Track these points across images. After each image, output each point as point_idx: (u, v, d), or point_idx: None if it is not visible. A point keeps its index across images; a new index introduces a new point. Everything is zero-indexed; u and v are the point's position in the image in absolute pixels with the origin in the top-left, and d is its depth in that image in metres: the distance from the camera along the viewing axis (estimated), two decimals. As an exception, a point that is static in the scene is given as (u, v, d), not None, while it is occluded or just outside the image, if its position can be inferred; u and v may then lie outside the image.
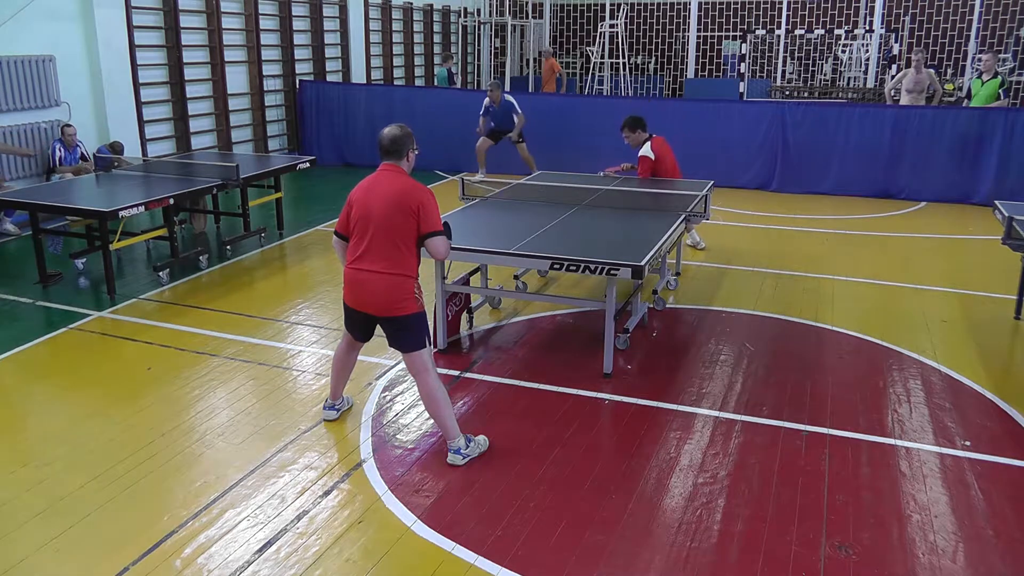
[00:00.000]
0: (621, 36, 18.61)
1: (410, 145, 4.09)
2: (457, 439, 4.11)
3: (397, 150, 4.06)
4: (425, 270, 4.42)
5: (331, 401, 4.58)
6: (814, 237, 8.84)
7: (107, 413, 4.64)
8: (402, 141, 4.05)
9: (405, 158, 4.09)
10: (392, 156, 4.07)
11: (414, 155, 4.14)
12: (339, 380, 4.54)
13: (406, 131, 4.10)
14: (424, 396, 4.11)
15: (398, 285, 3.98)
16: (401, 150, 4.06)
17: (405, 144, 4.06)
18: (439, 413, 4.09)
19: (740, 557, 3.39)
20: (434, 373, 4.12)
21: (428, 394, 4.08)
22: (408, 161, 4.11)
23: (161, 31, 10.81)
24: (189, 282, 7.10)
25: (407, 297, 4.00)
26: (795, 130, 11.20)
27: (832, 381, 5.11)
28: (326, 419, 4.55)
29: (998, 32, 17.31)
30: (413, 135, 4.12)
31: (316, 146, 13.04)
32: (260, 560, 3.37)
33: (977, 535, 3.56)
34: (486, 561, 3.35)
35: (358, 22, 14.80)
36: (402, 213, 3.93)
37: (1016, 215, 5.96)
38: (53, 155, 8.90)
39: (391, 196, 3.95)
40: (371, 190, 4.02)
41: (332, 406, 4.57)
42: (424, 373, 4.08)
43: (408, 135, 4.09)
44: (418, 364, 4.09)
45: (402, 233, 3.95)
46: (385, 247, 3.95)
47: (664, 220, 5.81)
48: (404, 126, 4.13)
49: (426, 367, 4.08)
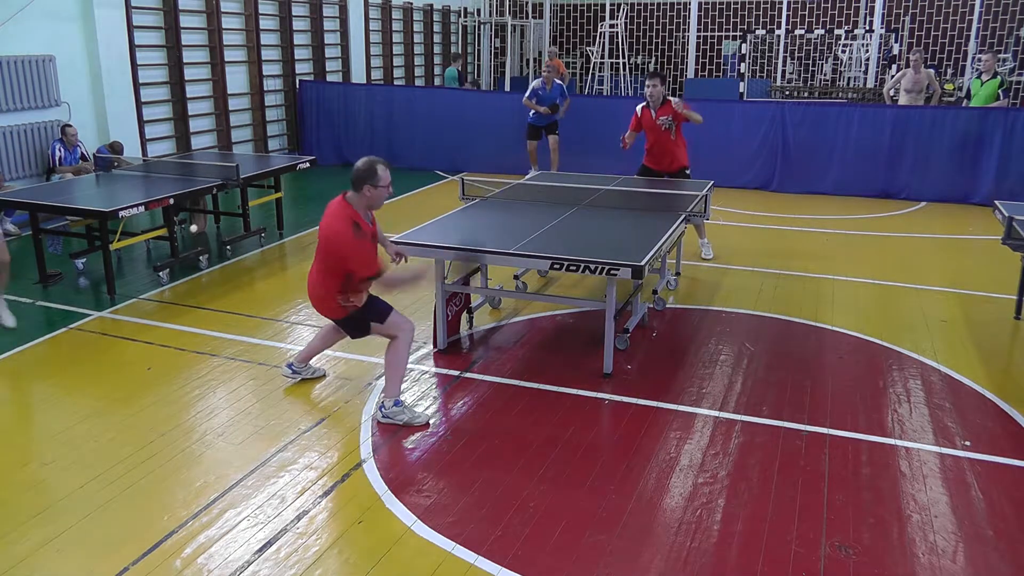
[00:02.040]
0: (621, 36, 18.61)
1: (369, 180, 4.17)
2: (390, 397, 4.45)
3: (354, 181, 4.23)
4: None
5: (296, 364, 4.91)
6: (814, 237, 8.84)
7: (107, 413, 4.64)
8: (362, 175, 4.19)
9: (362, 192, 4.20)
10: (352, 186, 4.26)
11: (375, 192, 4.21)
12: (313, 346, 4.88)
13: (371, 166, 4.18)
14: (391, 350, 4.46)
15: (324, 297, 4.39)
16: (357, 183, 4.21)
17: (363, 178, 4.18)
18: (394, 370, 4.45)
19: (740, 557, 3.39)
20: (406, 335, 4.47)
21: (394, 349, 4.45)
22: (365, 196, 4.21)
23: (161, 31, 10.82)
24: (189, 282, 7.10)
25: (333, 306, 4.38)
26: (795, 130, 11.20)
27: (832, 381, 5.11)
28: (283, 375, 4.93)
29: (998, 32, 17.31)
30: (378, 172, 4.17)
31: (316, 146, 13.04)
32: (260, 560, 3.37)
33: (977, 535, 3.56)
34: (486, 561, 3.35)
35: (358, 22, 14.80)
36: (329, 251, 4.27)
37: (1016, 215, 5.96)
38: (53, 155, 8.90)
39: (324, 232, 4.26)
40: (325, 213, 4.29)
41: (291, 366, 4.92)
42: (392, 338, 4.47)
43: (370, 170, 4.16)
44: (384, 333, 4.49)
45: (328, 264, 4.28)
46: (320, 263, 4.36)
47: (664, 220, 5.81)
48: (375, 160, 4.21)
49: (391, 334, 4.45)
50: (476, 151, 12.24)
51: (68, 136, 8.90)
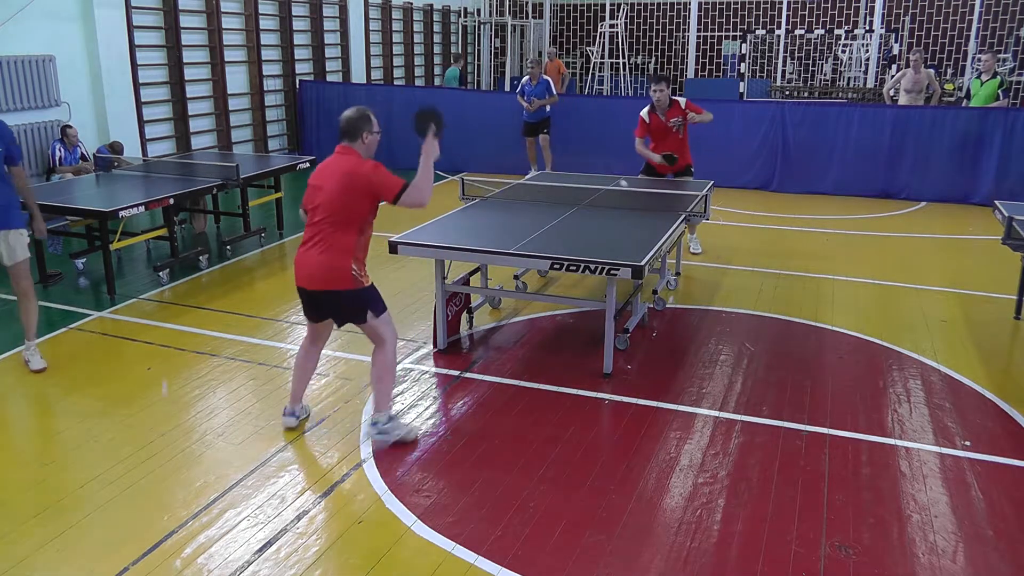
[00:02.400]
0: (621, 36, 18.61)
1: (366, 127, 4.09)
2: (384, 412, 4.21)
3: (351, 131, 4.08)
4: (424, 269, 4.42)
5: (290, 407, 4.47)
6: (814, 237, 8.84)
7: (107, 413, 4.64)
8: (357, 123, 4.08)
9: (360, 140, 4.10)
10: (347, 137, 4.10)
11: (372, 138, 4.13)
12: (299, 383, 4.46)
13: (363, 113, 4.11)
14: (378, 361, 4.21)
15: (335, 262, 4.02)
16: (355, 132, 4.08)
17: (359, 126, 4.08)
18: (384, 382, 4.21)
19: (740, 557, 3.39)
20: (392, 343, 4.22)
21: (382, 360, 4.20)
22: (364, 143, 4.11)
23: (161, 31, 10.82)
24: (189, 282, 7.10)
25: (344, 274, 4.03)
26: (795, 130, 11.20)
27: (832, 381, 5.11)
28: (286, 426, 4.44)
29: (998, 32, 17.31)
30: (371, 118, 4.12)
31: (316, 146, 13.04)
32: (260, 560, 3.37)
33: (977, 535, 3.56)
34: (486, 561, 3.35)
35: (358, 22, 14.80)
36: (354, 194, 3.99)
37: (1016, 215, 5.96)
38: (53, 155, 8.90)
39: (340, 178, 4.00)
40: (323, 172, 4.10)
41: (292, 412, 4.46)
42: (379, 341, 4.20)
43: (364, 117, 4.10)
44: (369, 333, 4.21)
45: (348, 213, 4.00)
46: (329, 226, 4.01)
47: (664, 220, 5.81)
48: (363, 108, 4.15)
49: (380, 335, 4.18)
50: (476, 151, 12.24)
51: (68, 136, 8.90)
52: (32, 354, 5.26)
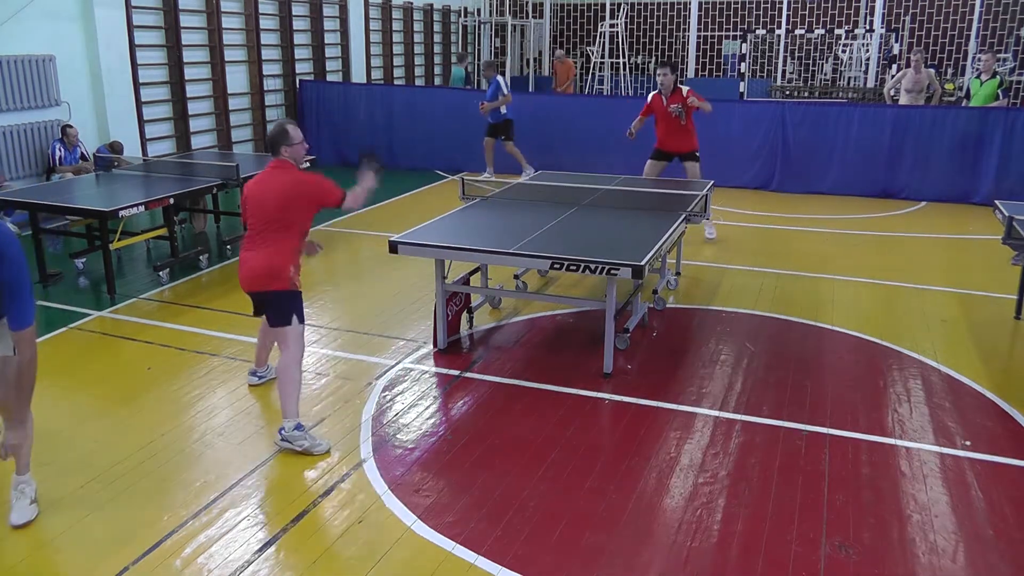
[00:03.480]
0: (621, 36, 18.61)
1: (283, 141, 4.26)
2: (291, 420, 4.21)
3: (271, 146, 4.30)
4: (424, 269, 4.43)
5: (255, 367, 5.00)
6: (814, 237, 8.84)
7: (107, 413, 4.64)
8: (274, 139, 4.29)
9: (279, 154, 4.28)
10: (272, 152, 4.32)
11: (291, 150, 4.29)
12: (262, 348, 4.96)
13: (280, 129, 4.29)
14: (280, 369, 4.28)
15: (273, 264, 4.21)
16: (274, 147, 4.29)
17: (277, 141, 4.27)
18: (285, 389, 4.25)
19: (740, 557, 3.39)
20: (296, 352, 4.28)
21: (283, 368, 4.26)
22: (287, 155, 4.29)
23: (161, 31, 10.82)
24: (189, 282, 7.10)
25: (281, 276, 4.21)
26: (795, 130, 11.20)
27: (832, 381, 5.11)
28: (249, 383, 4.95)
29: (998, 32, 17.31)
30: (288, 132, 4.27)
31: (316, 146, 12.99)
32: (260, 560, 3.37)
33: (977, 535, 3.56)
34: (486, 561, 3.35)
35: (358, 22, 14.80)
36: (301, 202, 4.23)
37: (1016, 215, 5.96)
38: (53, 155, 8.91)
39: (286, 187, 4.21)
40: (262, 184, 4.28)
41: (254, 372, 4.99)
42: (285, 349, 4.30)
43: (280, 133, 4.27)
44: (280, 338, 4.32)
45: (289, 222, 4.22)
46: (270, 235, 4.23)
47: (664, 220, 5.81)
48: (282, 123, 4.33)
49: (287, 344, 4.28)
50: (476, 151, 12.23)
51: (68, 136, 8.90)
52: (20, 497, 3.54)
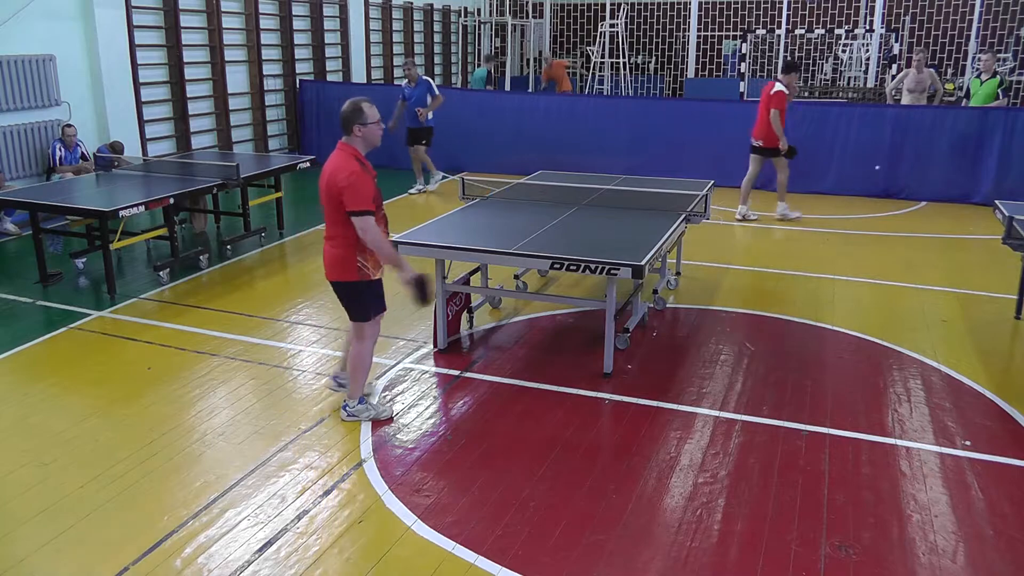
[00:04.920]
0: (621, 36, 18.61)
1: (357, 120, 4.17)
2: (354, 399, 4.52)
3: (343, 125, 4.22)
4: (425, 269, 4.42)
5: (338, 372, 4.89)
6: (814, 237, 8.84)
7: (107, 413, 4.64)
8: (348, 117, 4.19)
9: (352, 133, 4.20)
10: (343, 131, 4.23)
11: (366, 129, 4.20)
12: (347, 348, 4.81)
13: (355, 106, 4.19)
14: (353, 356, 4.49)
15: (335, 253, 4.26)
16: (346, 125, 4.20)
17: (350, 119, 4.18)
18: (354, 374, 4.50)
19: (740, 557, 3.39)
20: (369, 345, 4.46)
21: (356, 356, 4.47)
22: (358, 136, 4.20)
23: (161, 31, 10.81)
24: (189, 282, 7.10)
25: (346, 266, 4.24)
26: (795, 130, 11.16)
27: (832, 381, 5.11)
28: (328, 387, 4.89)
29: (998, 32, 17.30)
30: (363, 109, 4.17)
31: (316, 146, 13.03)
32: (260, 560, 3.37)
33: (977, 535, 3.56)
34: (486, 561, 3.35)
35: (358, 22, 14.80)
36: (330, 193, 4.16)
37: (1016, 215, 5.96)
38: (53, 155, 8.91)
39: (327, 176, 4.18)
40: (324, 169, 4.25)
41: (336, 377, 4.87)
42: (358, 340, 4.45)
43: (355, 110, 4.17)
44: (355, 330, 4.46)
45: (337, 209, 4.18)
46: (331, 223, 4.26)
47: (664, 220, 5.81)
48: (357, 100, 4.22)
49: (361, 336, 4.43)
50: (476, 151, 12.25)
51: (67, 136, 8.90)
52: None
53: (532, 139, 12.00)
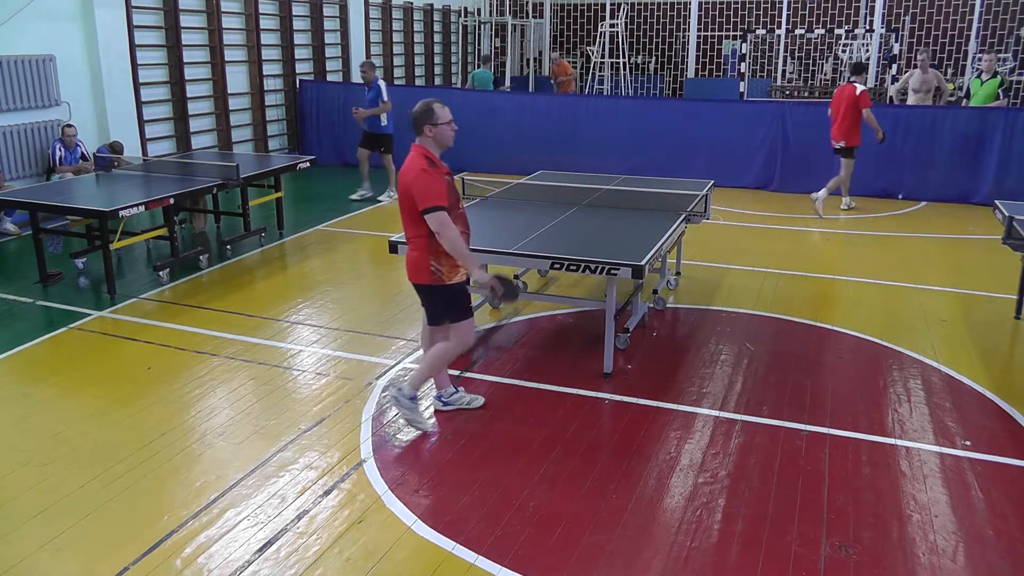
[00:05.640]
0: (621, 36, 18.61)
1: (427, 120, 4.18)
2: (412, 388, 4.38)
3: (414, 126, 4.23)
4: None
5: (438, 391, 4.72)
6: (814, 237, 8.84)
7: (107, 413, 4.64)
8: (418, 118, 4.20)
9: (423, 134, 4.21)
10: (415, 133, 4.24)
11: (437, 129, 4.20)
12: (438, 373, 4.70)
13: (426, 107, 4.19)
14: (435, 349, 4.43)
15: (411, 255, 4.29)
16: (416, 126, 4.22)
17: (420, 120, 4.19)
18: (423, 366, 4.43)
19: (740, 557, 3.39)
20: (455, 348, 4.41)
21: (438, 350, 4.41)
22: (429, 136, 4.21)
23: (161, 31, 10.82)
24: (189, 282, 7.10)
25: (421, 269, 4.25)
26: (795, 130, 11.19)
27: (832, 381, 5.11)
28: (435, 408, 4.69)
29: (998, 32, 17.30)
30: (434, 110, 4.17)
31: (316, 146, 13.03)
32: (260, 560, 3.37)
33: (977, 535, 3.56)
34: (486, 561, 3.35)
35: (358, 22, 14.80)
36: (404, 193, 4.17)
37: (1016, 215, 5.96)
38: (53, 155, 8.91)
39: (402, 182, 4.19)
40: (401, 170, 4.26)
41: (439, 396, 4.71)
42: (444, 340, 4.43)
43: (425, 111, 4.17)
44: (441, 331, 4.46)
45: (411, 209, 4.16)
46: (408, 225, 4.25)
47: (664, 220, 5.81)
48: (429, 101, 4.21)
49: (450, 336, 4.40)
50: (476, 151, 12.23)
51: (67, 136, 8.90)
52: None
53: (532, 139, 11.99)
